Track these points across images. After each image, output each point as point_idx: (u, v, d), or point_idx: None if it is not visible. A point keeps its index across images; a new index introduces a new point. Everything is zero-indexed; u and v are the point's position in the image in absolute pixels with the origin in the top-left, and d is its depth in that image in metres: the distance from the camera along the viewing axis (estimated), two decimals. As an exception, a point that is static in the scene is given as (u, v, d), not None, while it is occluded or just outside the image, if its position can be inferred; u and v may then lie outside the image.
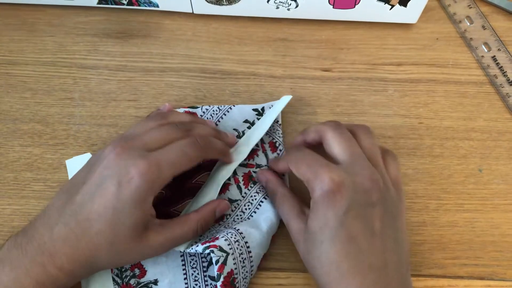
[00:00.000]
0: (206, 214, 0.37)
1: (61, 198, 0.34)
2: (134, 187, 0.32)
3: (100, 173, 0.33)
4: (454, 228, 0.42)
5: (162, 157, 0.34)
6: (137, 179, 0.32)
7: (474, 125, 0.46)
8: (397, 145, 0.45)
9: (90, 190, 0.33)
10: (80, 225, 0.32)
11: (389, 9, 0.48)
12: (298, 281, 0.39)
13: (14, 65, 0.49)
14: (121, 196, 0.32)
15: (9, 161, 0.44)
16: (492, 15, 0.51)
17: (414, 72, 0.49)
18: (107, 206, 0.32)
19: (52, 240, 0.32)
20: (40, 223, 0.33)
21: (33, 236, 0.32)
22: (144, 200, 0.33)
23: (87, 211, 0.32)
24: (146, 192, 0.33)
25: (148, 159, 0.33)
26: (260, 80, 0.48)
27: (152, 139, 0.35)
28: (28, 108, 0.46)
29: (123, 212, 0.32)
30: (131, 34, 0.51)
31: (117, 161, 0.33)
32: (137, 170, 0.32)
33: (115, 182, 0.32)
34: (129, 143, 0.35)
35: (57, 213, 0.33)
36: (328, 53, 0.50)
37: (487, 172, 0.44)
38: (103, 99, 0.47)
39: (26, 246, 0.32)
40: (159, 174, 0.33)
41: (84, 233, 0.32)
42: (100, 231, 0.32)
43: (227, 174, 0.40)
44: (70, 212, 0.33)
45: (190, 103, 0.47)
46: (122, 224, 0.32)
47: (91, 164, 0.35)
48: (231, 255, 0.34)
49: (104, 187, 0.32)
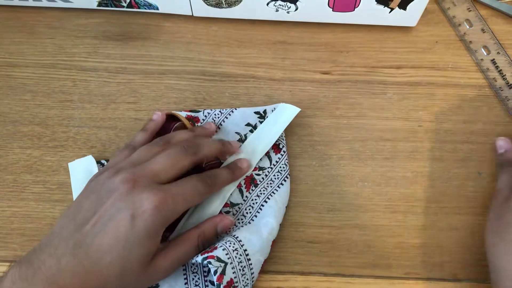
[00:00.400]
0: (206, 229, 0.37)
1: (68, 227, 0.33)
2: (149, 221, 0.32)
3: (112, 205, 0.33)
4: (454, 232, 0.42)
5: (176, 192, 0.34)
6: (151, 213, 0.32)
7: (474, 128, 0.46)
8: (396, 148, 0.45)
9: (102, 221, 0.32)
10: (90, 257, 0.31)
11: (389, 12, 0.48)
12: (296, 283, 0.39)
13: (14, 67, 0.49)
14: (135, 229, 0.32)
15: (9, 163, 0.44)
16: (492, 18, 0.52)
17: (414, 75, 0.49)
18: (120, 238, 0.32)
19: (60, 272, 0.31)
20: (47, 253, 0.32)
21: (39, 267, 0.31)
22: (157, 233, 0.33)
23: (97, 242, 0.32)
24: (159, 226, 0.33)
25: (163, 192, 0.33)
26: (259, 83, 0.48)
27: (161, 167, 0.35)
28: (27, 110, 0.46)
29: (135, 244, 0.32)
30: (131, 37, 0.51)
31: (130, 193, 0.33)
32: (152, 204, 0.32)
33: (128, 215, 0.32)
34: (139, 172, 0.34)
35: (64, 243, 0.32)
36: (328, 56, 0.50)
37: (486, 175, 0.44)
38: (102, 101, 0.47)
39: (33, 279, 0.30)
40: (173, 208, 0.34)
41: (94, 265, 0.31)
42: (111, 263, 0.32)
43: (232, 186, 0.41)
44: (79, 243, 0.32)
45: (189, 106, 0.47)
46: (133, 257, 0.32)
47: (97, 191, 0.34)
48: (229, 264, 0.34)
49: (117, 219, 0.32)
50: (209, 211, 0.40)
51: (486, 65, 0.49)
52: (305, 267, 0.40)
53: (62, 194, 0.43)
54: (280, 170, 0.42)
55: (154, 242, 0.33)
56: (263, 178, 0.42)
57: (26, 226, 0.41)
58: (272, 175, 0.42)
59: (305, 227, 0.42)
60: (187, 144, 0.38)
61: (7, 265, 0.32)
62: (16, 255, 0.40)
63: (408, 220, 0.42)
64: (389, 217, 0.42)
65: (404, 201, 0.43)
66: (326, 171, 0.44)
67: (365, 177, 0.44)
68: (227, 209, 0.41)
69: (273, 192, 0.41)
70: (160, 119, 0.43)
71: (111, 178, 0.34)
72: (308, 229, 0.42)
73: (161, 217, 0.33)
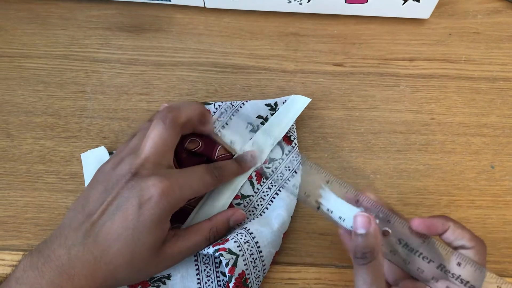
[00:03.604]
0: (219, 223, 0.37)
1: (77, 218, 0.33)
2: (155, 207, 0.32)
3: (119, 193, 0.33)
4: (466, 225, 0.41)
5: (183, 180, 0.34)
6: (157, 199, 0.32)
7: (487, 121, 0.46)
8: (409, 140, 0.45)
9: (110, 210, 0.33)
10: (99, 246, 0.32)
11: (402, 4, 0.48)
12: (308, 275, 0.39)
13: (26, 58, 0.49)
14: (142, 217, 0.32)
15: (22, 153, 0.44)
16: (506, 11, 0.51)
17: (427, 68, 0.48)
18: (127, 226, 0.32)
19: (70, 261, 0.31)
20: (57, 244, 0.32)
21: (49, 256, 0.31)
22: (164, 220, 0.33)
23: (106, 232, 0.32)
24: (166, 213, 0.33)
25: (169, 179, 0.33)
26: (271, 75, 0.48)
27: (151, 149, 0.35)
28: (40, 101, 0.47)
29: (143, 232, 0.32)
30: (143, 28, 0.51)
31: (136, 180, 0.33)
32: (158, 190, 0.33)
33: (135, 203, 0.32)
34: (139, 159, 0.34)
35: (74, 233, 0.32)
36: (340, 48, 0.50)
37: (499, 168, 0.44)
38: (115, 92, 0.47)
39: (43, 267, 0.31)
40: (179, 195, 0.34)
41: (103, 254, 0.32)
42: (120, 252, 0.32)
43: (243, 178, 0.41)
44: (88, 232, 0.32)
45: (201, 97, 0.47)
46: (141, 244, 0.32)
47: (103, 181, 0.35)
48: (241, 256, 0.35)
49: (124, 208, 0.32)
50: (220, 202, 0.40)
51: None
52: (317, 259, 0.40)
53: (75, 185, 0.43)
54: (292, 161, 0.42)
55: (162, 229, 0.33)
56: (272, 171, 0.42)
57: (40, 216, 0.42)
58: (283, 166, 0.42)
59: (317, 219, 0.42)
60: (163, 114, 0.36)
61: (21, 254, 0.32)
62: (29, 244, 0.40)
63: (419, 213, 0.42)
64: (401, 209, 0.42)
65: (416, 194, 0.43)
66: (338, 163, 0.44)
67: (377, 169, 0.44)
68: (238, 201, 0.41)
69: (284, 184, 0.41)
70: None
71: (115, 168, 0.35)
72: (319, 221, 0.42)
73: (167, 203, 0.33)
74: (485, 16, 0.51)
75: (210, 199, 0.40)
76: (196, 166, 0.37)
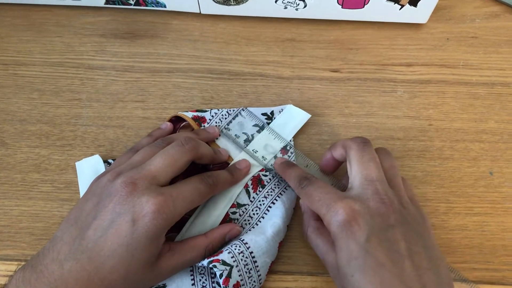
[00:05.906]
0: (215, 241, 0.37)
1: (70, 231, 0.33)
2: (149, 224, 0.32)
3: (112, 209, 0.32)
4: (464, 232, 0.41)
5: (177, 194, 0.34)
6: (152, 216, 0.32)
7: (485, 127, 0.45)
8: (406, 147, 0.44)
9: (102, 225, 0.32)
10: (93, 262, 0.31)
11: (399, 9, 0.47)
12: (305, 284, 0.39)
13: (22, 65, 0.49)
14: (136, 234, 0.32)
15: (17, 162, 0.44)
16: (504, 15, 0.51)
17: (424, 73, 0.48)
18: (121, 243, 0.31)
19: (63, 277, 0.30)
20: (50, 258, 0.31)
21: (42, 272, 0.31)
22: (159, 236, 0.33)
23: (99, 247, 0.31)
24: (161, 229, 0.33)
25: (163, 195, 0.33)
26: (267, 81, 0.48)
27: (160, 167, 0.35)
28: (35, 109, 0.46)
29: (138, 249, 0.32)
30: (138, 35, 0.50)
31: (130, 196, 0.33)
32: (152, 207, 0.32)
33: (128, 219, 0.32)
34: (139, 174, 0.34)
35: (67, 248, 0.32)
36: (337, 53, 0.49)
37: (498, 175, 0.43)
38: (110, 100, 0.47)
39: (36, 283, 0.30)
40: (174, 210, 0.33)
41: (97, 270, 0.31)
42: (114, 268, 0.31)
43: (239, 187, 0.41)
44: (81, 248, 0.31)
45: (197, 104, 0.46)
46: (136, 260, 0.32)
47: (98, 194, 0.34)
48: (235, 267, 0.34)
49: (117, 224, 0.32)
50: (216, 212, 0.40)
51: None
52: (314, 268, 0.40)
53: (70, 193, 0.43)
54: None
55: (156, 244, 0.33)
56: (270, 179, 0.41)
57: (35, 225, 0.41)
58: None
59: (314, 227, 0.41)
60: (184, 139, 0.37)
61: (16, 264, 0.32)
62: (24, 254, 0.40)
63: (418, 220, 0.41)
64: (398, 217, 0.42)
65: (414, 201, 0.42)
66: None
67: (375, 176, 0.43)
68: (234, 210, 0.40)
69: (280, 193, 0.41)
70: (168, 129, 0.43)
71: (112, 181, 0.34)
72: (316, 229, 0.41)
73: (162, 220, 0.32)
74: (483, 21, 0.51)
75: (206, 208, 0.40)
76: (190, 178, 0.36)
